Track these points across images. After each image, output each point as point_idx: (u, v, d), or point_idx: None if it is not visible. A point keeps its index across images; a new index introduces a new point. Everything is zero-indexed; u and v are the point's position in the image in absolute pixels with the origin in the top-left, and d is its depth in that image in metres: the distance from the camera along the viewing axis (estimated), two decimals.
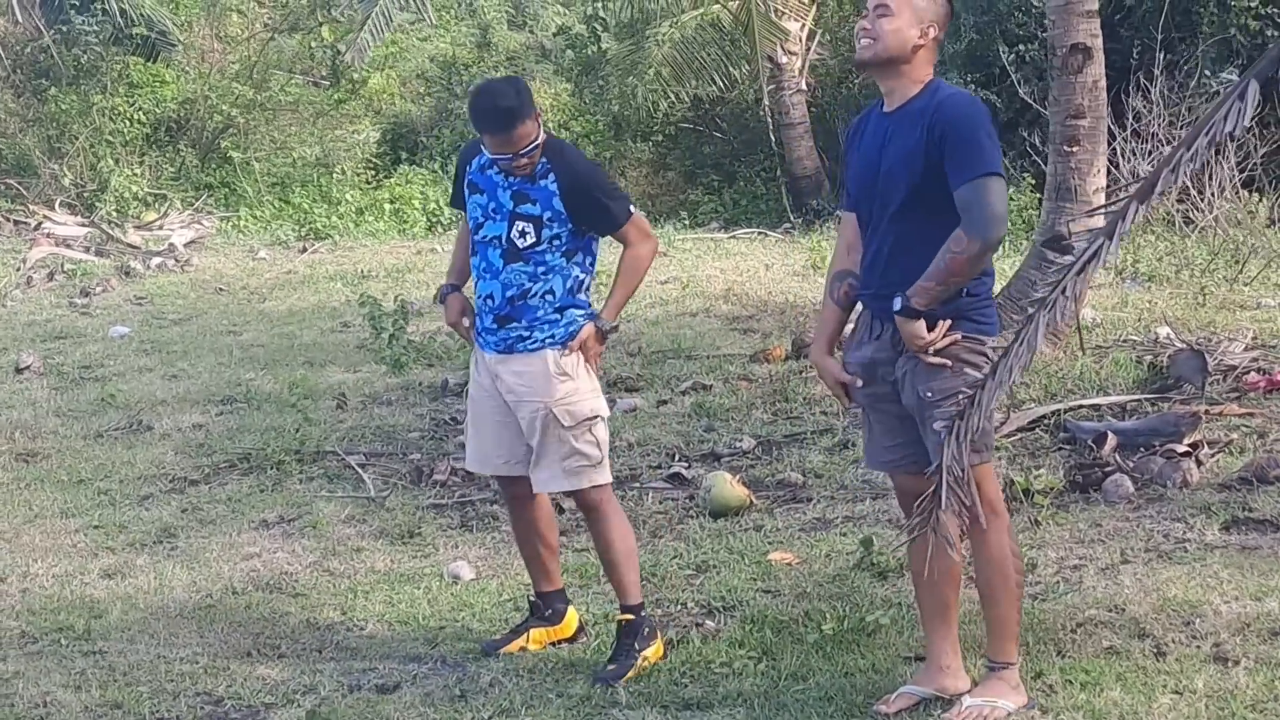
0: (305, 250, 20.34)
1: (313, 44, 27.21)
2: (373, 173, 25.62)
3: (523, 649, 6.25)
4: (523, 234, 5.93)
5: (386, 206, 23.34)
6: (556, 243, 5.96)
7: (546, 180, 5.94)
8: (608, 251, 6.48)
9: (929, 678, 5.51)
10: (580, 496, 6.13)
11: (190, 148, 25.49)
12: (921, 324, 5.12)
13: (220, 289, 17.44)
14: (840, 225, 5.67)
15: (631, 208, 6.13)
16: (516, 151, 5.89)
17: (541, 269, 5.96)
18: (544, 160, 5.97)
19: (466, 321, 6.23)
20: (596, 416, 6.05)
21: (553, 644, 6.31)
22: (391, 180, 24.53)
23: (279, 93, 26.09)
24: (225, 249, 20.66)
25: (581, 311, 6.06)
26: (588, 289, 6.15)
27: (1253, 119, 3.54)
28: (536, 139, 5.91)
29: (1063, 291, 3.71)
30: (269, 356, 13.11)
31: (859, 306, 5.56)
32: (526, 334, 5.98)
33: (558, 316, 6.00)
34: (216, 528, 8.25)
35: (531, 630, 6.33)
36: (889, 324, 5.32)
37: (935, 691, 5.47)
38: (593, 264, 6.14)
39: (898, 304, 5.10)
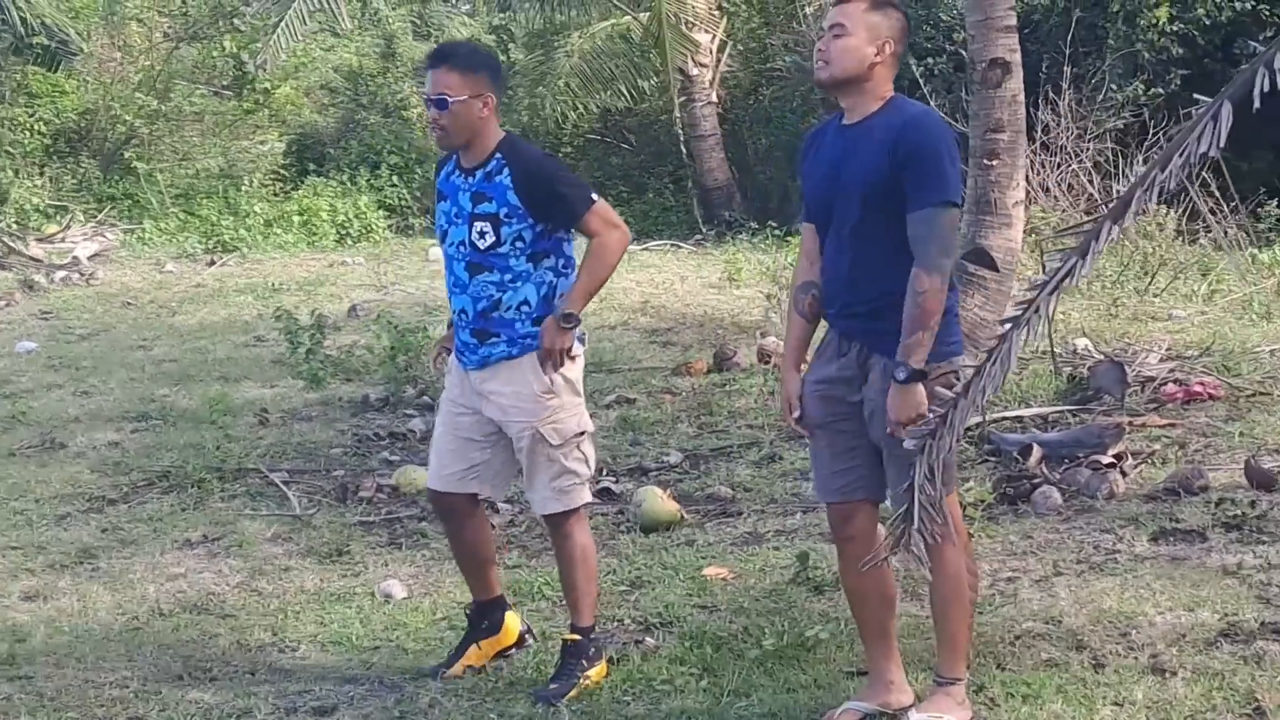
0: (213, 263, 20.17)
1: (215, 54, 26.96)
2: (280, 184, 25.45)
3: (468, 667, 6.13)
4: (481, 234, 5.78)
5: (295, 218, 23.19)
6: (519, 245, 5.79)
7: (501, 176, 5.80)
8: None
9: (874, 693, 5.50)
10: (553, 516, 6.03)
11: (92, 159, 25.24)
12: (922, 390, 5.07)
13: (128, 303, 17.25)
14: (802, 237, 5.63)
15: (594, 196, 5.92)
16: (436, 94, 5.75)
17: (509, 276, 5.80)
18: (498, 156, 5.83)
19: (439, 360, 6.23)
20: (584, 432, 5.97)
21: (499, 653, 6.22)
22: (299, 192, 24.38)
23: (183, 103, 25.84)
24: (131, 262, 20.45)
25: None
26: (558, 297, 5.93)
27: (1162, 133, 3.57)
28: (460, 98, 5.73)
29: (1036, 310, 3.70)
30: (182, 372, 12.95)
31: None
32: (508, 350, 5.86)
33: (536, 329, 5.84)
34: (139, 548, 8.11)
35: (473, 647, 6.22)
36: (855, 343, 5.30)
37: (880, 707, 5.45)
38: (568, 267, 5.93)
39: (901, 375, 5.03)
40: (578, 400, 5.97)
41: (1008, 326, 3.85)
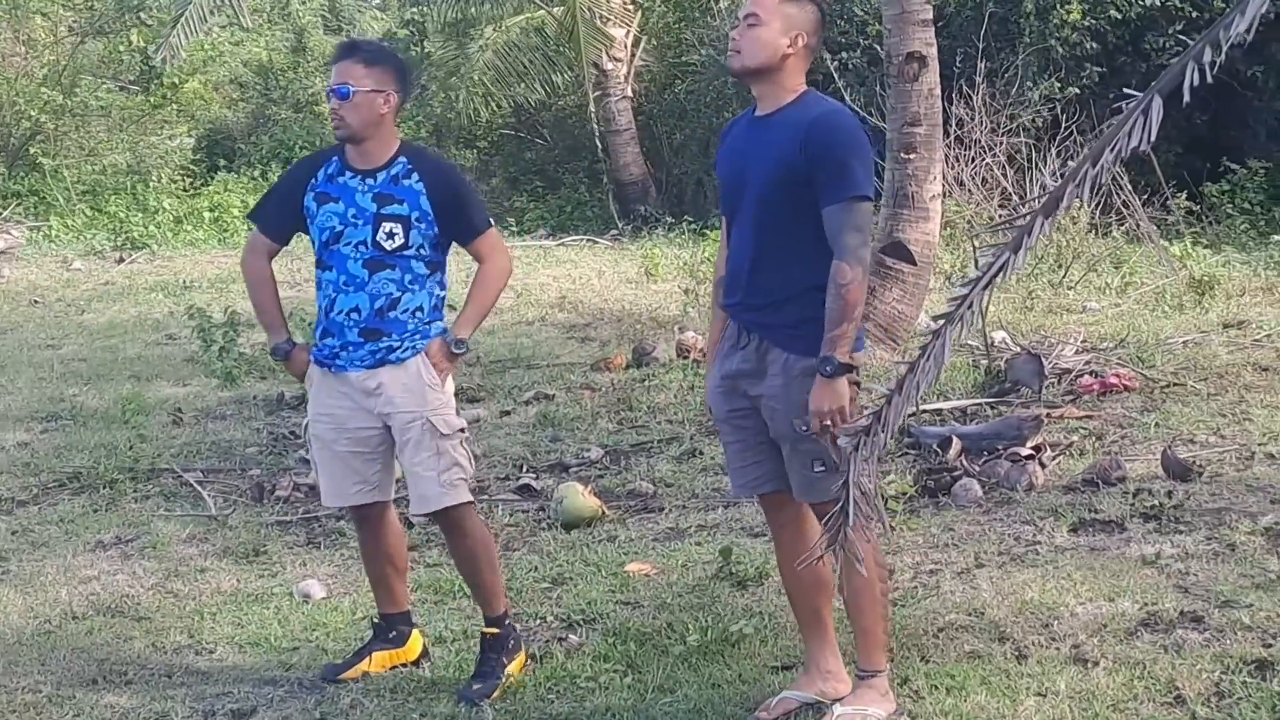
0: (122, 260, 19.96)
1: (121, 48, 26.68)
2: (190, 180, 25.21)
3: (365, 673, 6.07)
4: (390, 235, 5.74)
5: (206, 215, 22.99)
6: (423, 251, 5.78)
7: (411, 180, 5.78)
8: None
9: (809, 682, 5.49)
10: (447, 513, 5.99)
11: None
12: (846, 384, 5.05)
13: (35, 301, 17.04)
14: (721, 229, 5.63)
15: (491, 221, 6.01)
16: (338, 84, 5.72)
17: (409, 278, 5.78)
18: (403, 160, 5.82)
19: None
20: (463, 429, 5.95)
21: (394, 667, 6.15)
22: (210, 188, 24.17)
23: (89, 98, 25.55)
24: (37, 259, 20.20)
25: (442, 324, 5.94)
26: (443, 309, 6.00)
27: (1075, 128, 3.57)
28: (363, 89, 5.71)
29: (969, 307, 3.68)
30: (92, 371, 12.79)
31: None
32: (397, 345, 5.82)
33: (427, 328, 5.85)
34: (50, 550, 7.97)
35: (374, 653, 6.16)
36: (755, 335, 5.28)
37: (816, 696, 5.43)
38: (443, 287, 5.96)
39: (828, 369, 5.02)
40: (453, 401, 5.97)
41: (941, 322, 3.83)
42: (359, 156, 5.85)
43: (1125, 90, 3.44)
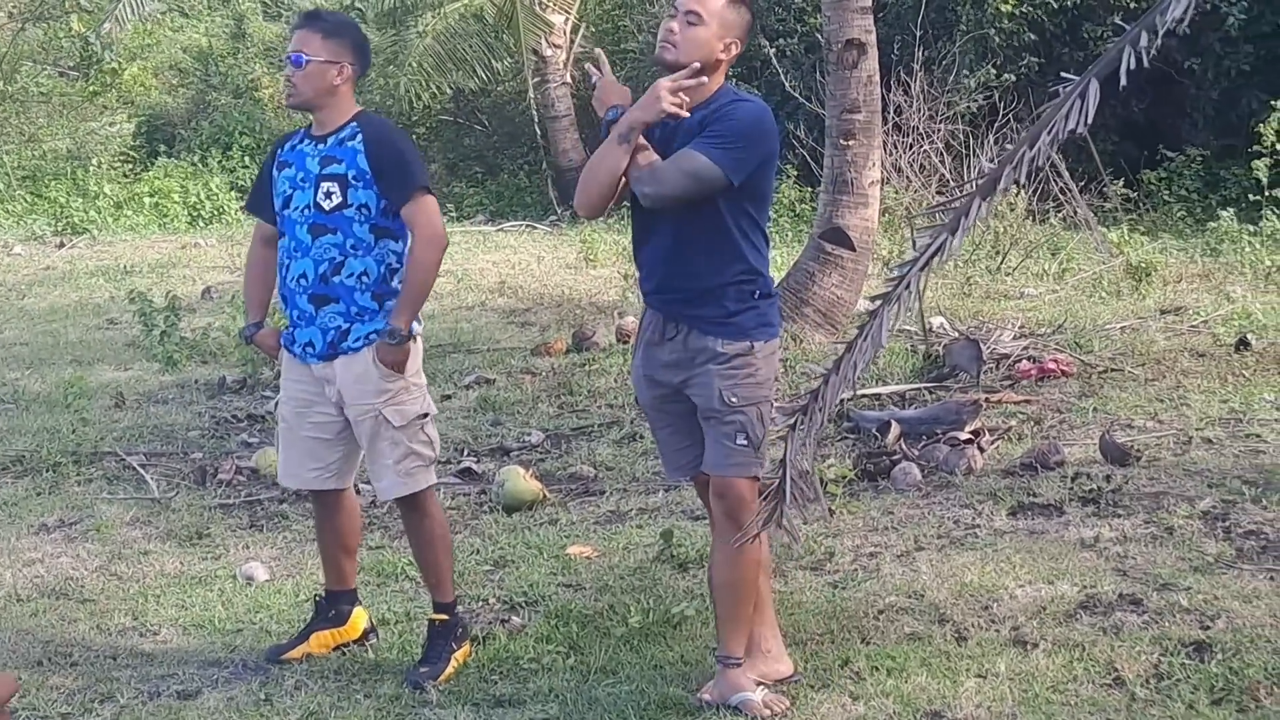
0: (63, 245, 19.85)
1: (61, 34, 26.50)
2: (130, 166, 25.07)
3: (308, 654, 6.10)
4: (328, 195, 5.75)
5: (146, 200, 22.88)
6: (365, 212, 5.76)
7: (354, 141, 5.80)
8: None
9: (751, 664, 5.50)
10: (407, 497, 6.01)
11: None
12: None
13: None
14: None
15: (429, 188, 5.88)
16: (296, 52, 5.76)
17: (350, 242, 5.76)
18: (353, 124, 5.84)
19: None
20: (426, 415, 5.94)
21: (337, 647, 6.17)
22: (150, 173, 24.05)
23: (29, 84, 25.39)
24: None
25: (394, 302, 5.92)
26: (400, 282, 5.92)
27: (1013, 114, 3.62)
28: (317, 59, 5.74)
29: (907, 287, 3.73)
30: (34, 355, 12.74)
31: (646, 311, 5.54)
32: (346, 326, 5.80)
33: (376, 306, 5.81)
34: None
35: (314, 634, 6.18)
36: (682, 325, 5.31)
37: (759, 677, 5.47)
38: (400, 261, 5.89)
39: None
40: (419, 383, 5.96)
41: (879, 303, 3.88)
42: (316, 125, 5.90)
43: (1063, 75, 3.48)
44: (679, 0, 5.23)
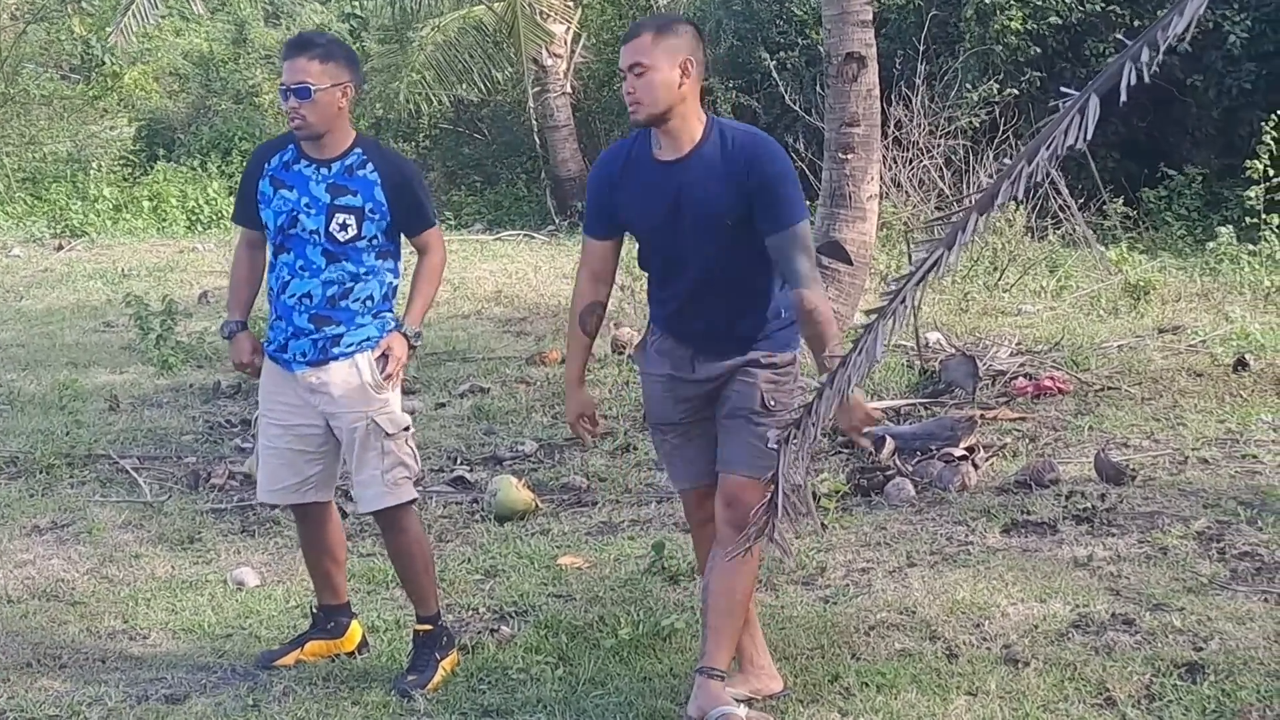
0: (61, 248, 19.87)
1: (63, 36, 26.53)
2: (129, 169, 25.09)
3: (298, 661, 6.08)
4: (344, 226, 5.73)
5: (145, 204, 22.91)
6: (375, 241, 5.77)
7: (365, 170, 5.77)
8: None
9: (742, 679, 5.50)
10: (387, 511, 5.96)
11: None
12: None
13: None
14: (587, 254, 5.63)
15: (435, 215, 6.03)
16: (297, 83, 5.68)
17: (362, 269, 5.77)
18: (358, 151, 5.80)
19: (258, 360, 6.02)
20: (409, 427, 5.94)
21: (332, 657, 6.15)
22: (149, 177, 24.07)
23: (30, 86, 25.41)
24: None
25: (392, 315, 5.92)
26: (394, 296, 5.98)
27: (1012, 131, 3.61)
28: (323, 86, 5.67)
29: (902, 301, 3.71)
30: (30, 357, 12.73)
31: (655, 337, 5.54)
32: (341, 335, 5.81)
33: (372, 320, 5.83)
34: None
35: (308, 642, 6.16)
36: (712, 360, 5.35)
37: (749, 693, 5.45)
38: (396, 274, 5.93)
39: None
40: (399, 396, 5.96)
41: (874, 317, 3.86)
42: (315, 147, 5.82)
43: (1063, 90, 3.47)
44: (622, 62, 5.23)
